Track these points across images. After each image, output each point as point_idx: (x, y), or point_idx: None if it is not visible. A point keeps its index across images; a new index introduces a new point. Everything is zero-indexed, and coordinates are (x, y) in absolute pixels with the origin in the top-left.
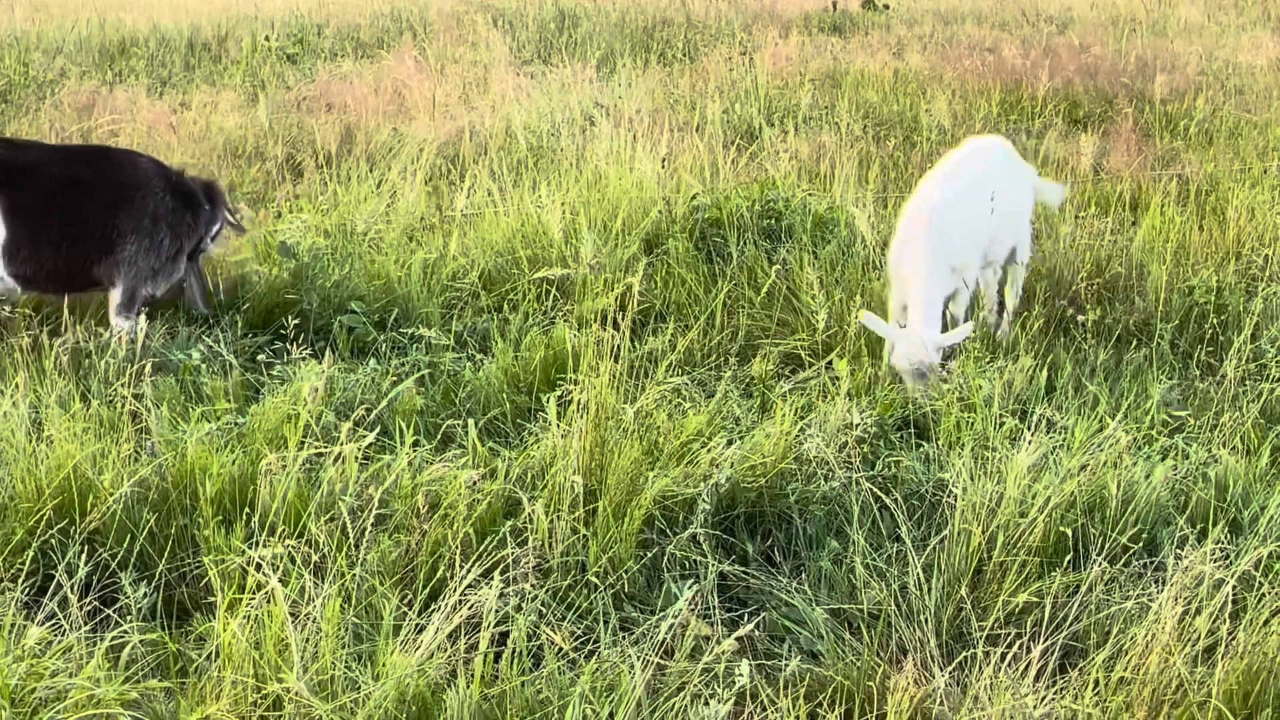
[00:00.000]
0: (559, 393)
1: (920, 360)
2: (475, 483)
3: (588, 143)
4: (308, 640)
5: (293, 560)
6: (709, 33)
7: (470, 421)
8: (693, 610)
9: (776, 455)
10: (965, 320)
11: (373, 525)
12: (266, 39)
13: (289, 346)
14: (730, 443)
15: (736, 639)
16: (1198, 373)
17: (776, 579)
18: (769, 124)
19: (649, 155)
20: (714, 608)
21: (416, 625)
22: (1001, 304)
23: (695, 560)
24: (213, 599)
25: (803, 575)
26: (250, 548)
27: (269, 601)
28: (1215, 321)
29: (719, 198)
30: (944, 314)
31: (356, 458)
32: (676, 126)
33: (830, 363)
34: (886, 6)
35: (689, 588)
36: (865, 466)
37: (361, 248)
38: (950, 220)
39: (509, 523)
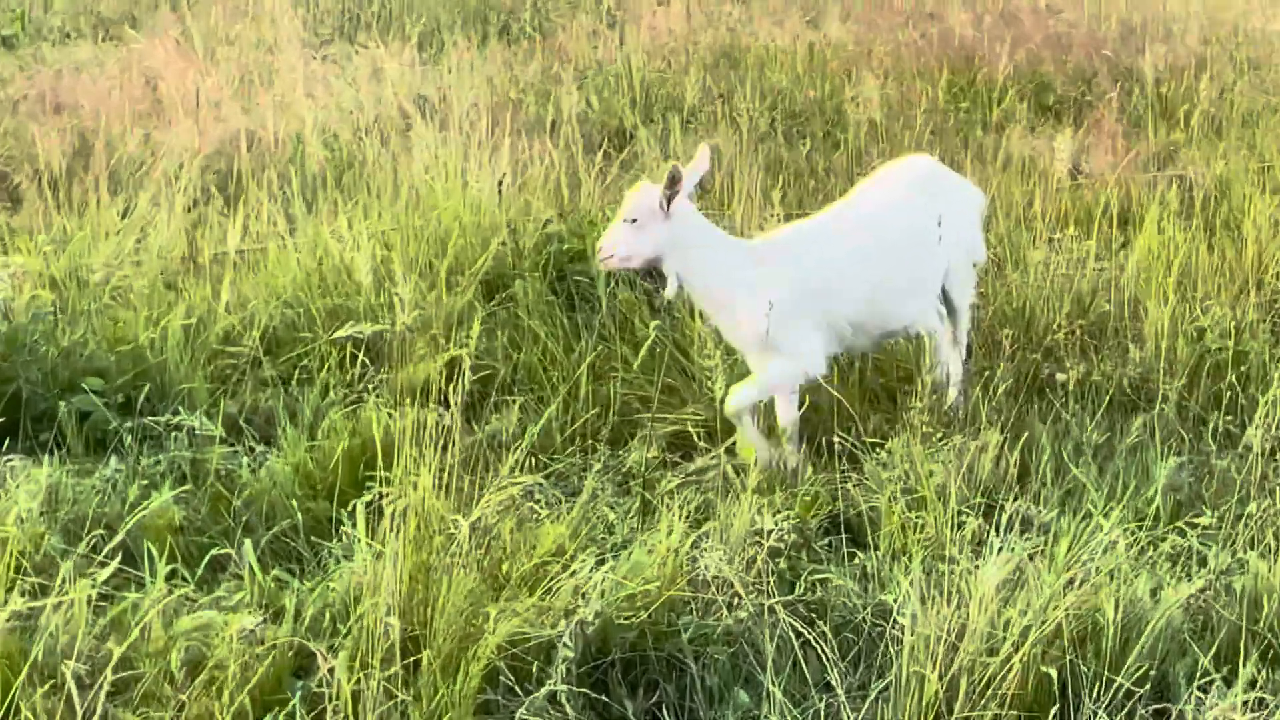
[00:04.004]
0: (369, 499)
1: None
2: (253, 632)
3: (406, 151)
4: None
5: None
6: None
7: (248, 542)
8: None
9: (663, 578)
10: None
11: (109, 696)
12: None
13: None
14: (601, 562)
15: None
16: (1214, 446)
17: None
18: (646, 121)
19: (488, 167)
20: None
21: None
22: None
23: None
24: None
25: None
26: None
27: None
28: (1234, 376)
29: (581, 222)
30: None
31: (90, 599)
32: (525, 126)
33: (732, 446)
34: None
35: None
36: (782, 589)
37: (100, 302)
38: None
39: (300, 685)
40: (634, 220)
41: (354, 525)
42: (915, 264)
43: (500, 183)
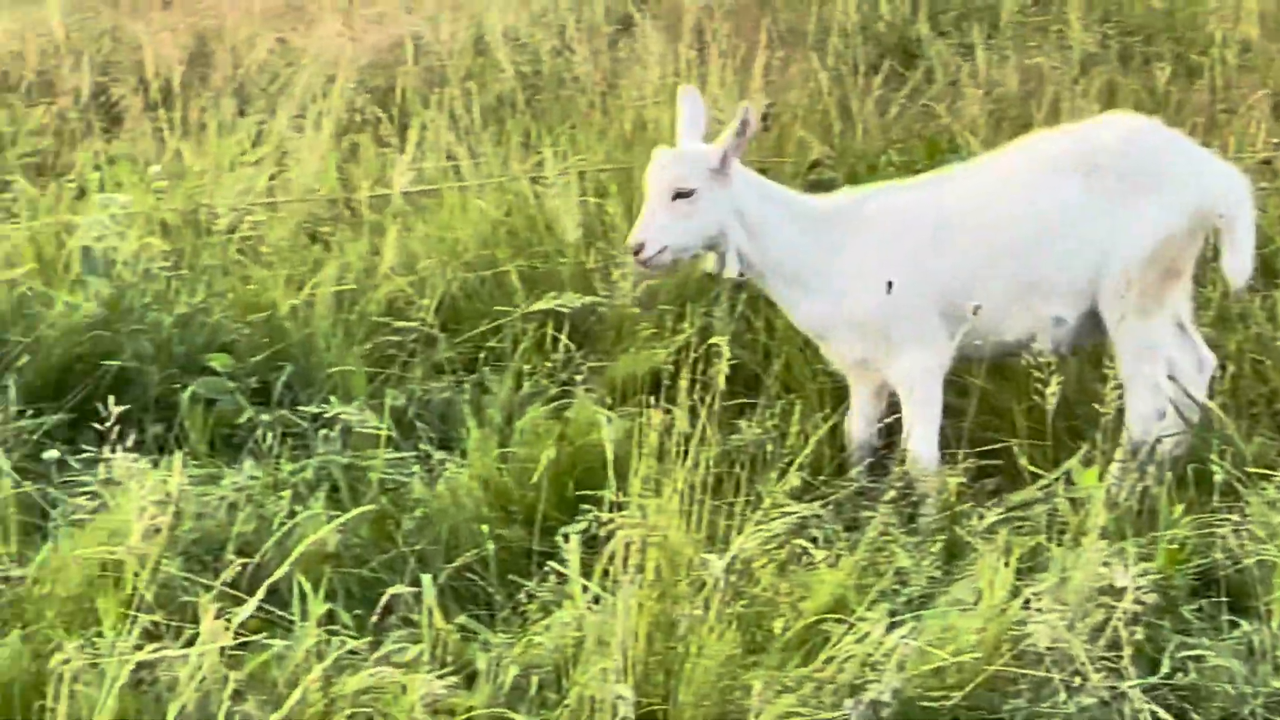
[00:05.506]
0: (584, 525)
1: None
2: (440, 699)
3: (623, 66)
4: None
5: None
6: None
7: (426, 578)
8: None
9: (983, 648)
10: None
11: None
12: None
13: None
14: (895, 622)
15: None
16: None
17: None
18: (939, 33)
19: (731, 87)
20: None
21: None
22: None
23: None
24: None
25: None
26: None
27: None
28: None
29: (857, 164)
30: None
31: (225, 649)
32: (778, 36)
33: (1069, 473)
34: None
35: None
36: (1141, 666)
37: (227, 256)
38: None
39: None
40: (689, 193)
41: (564, 561)
42: (1022, 261)
43: (765, 116)
